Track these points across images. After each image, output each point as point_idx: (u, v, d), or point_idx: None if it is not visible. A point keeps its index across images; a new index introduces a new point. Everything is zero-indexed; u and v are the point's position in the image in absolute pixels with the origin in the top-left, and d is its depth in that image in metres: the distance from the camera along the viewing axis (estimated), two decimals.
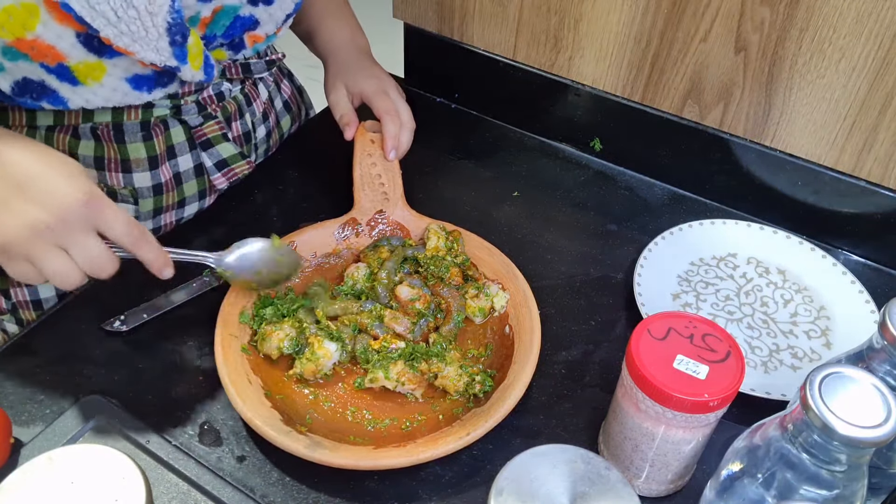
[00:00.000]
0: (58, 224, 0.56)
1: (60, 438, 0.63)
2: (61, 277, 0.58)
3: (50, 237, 0.56)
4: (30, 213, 0.56)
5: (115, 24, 0.62)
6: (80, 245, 0.58)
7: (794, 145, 0.84)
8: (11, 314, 0.85)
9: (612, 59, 0.89)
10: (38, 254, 0.57)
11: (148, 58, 0.65)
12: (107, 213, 0.58)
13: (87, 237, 0.58)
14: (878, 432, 0.43)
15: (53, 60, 0.62)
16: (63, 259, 0.57)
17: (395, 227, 0.82)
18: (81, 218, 0.57)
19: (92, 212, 0.57)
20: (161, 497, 0.60)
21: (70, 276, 0.58)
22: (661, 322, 0.58)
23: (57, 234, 0.56)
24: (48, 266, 0.57)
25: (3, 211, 0.56)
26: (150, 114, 0.76)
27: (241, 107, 0.85)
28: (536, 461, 0.50)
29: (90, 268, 0.59)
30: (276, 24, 0.77)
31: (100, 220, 0.58)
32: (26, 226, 0.56)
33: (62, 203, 0.56)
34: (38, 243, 0.56)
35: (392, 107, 0.85)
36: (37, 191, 0.56)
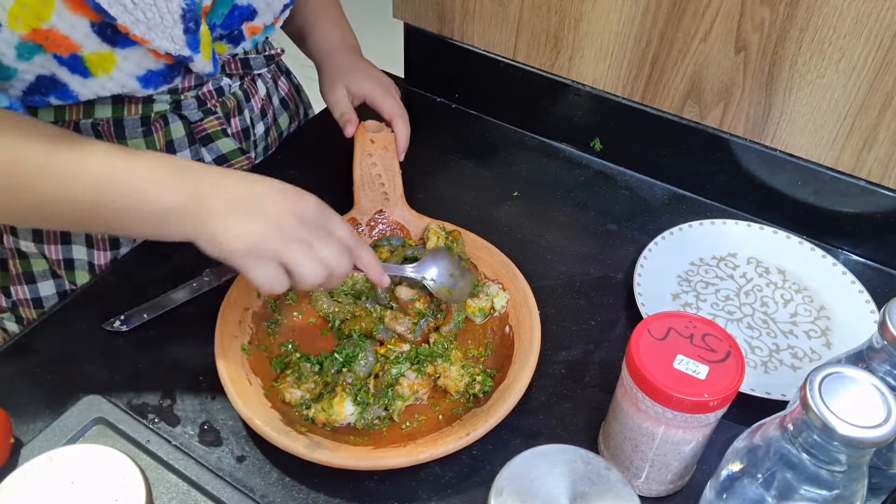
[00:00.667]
0: (297, 221, 0.60)
1: (60, 438, 0.63)
2: (308, 270, 0.60)
3: (293, 233, 0.60)
4: (275, 215, 0.60)
5: (132, 12, 0.62)
6: (322, 240, 0.61)
7: (794, 145, 0.84)
8: (11, 312, 0.85)
9: (612, 59, 0.89)
10: (286, 250, 0.59)
11: (163, 47, 0.66)
12: (336, 217, 0.64)
13: (327, 235, 0.62)
14: (878, 432, 0.43)
15: (67, 51, 0.62)
16: (310, 253, 0.60)
17: (395, 227, 0.82)
18: (316, 216, 0.62)
19: (325, 213, 0.63)
20: (161, 497, 0.60)
21: (315, 271, 0.60)
22: (661, 322, 0.58)
23: (298, 230, 0.60)
24: (297, 259, 0.60)
25: (248, 218, 0.59)
26: (150, 109, 0.76)
27: (240, 103, 0.85)
28: (536, 461, 0.50)
29: (333, 261, 0.61)
30: (273, 14, 0.77)
31: (331, 221, 0.63)
32: (273, 225, 0.59)
33: (301, 205, 0.61)
34: (283, 239, 0.59)
35: (400, 110, 0.88)
36: (275, 198, 0.61)
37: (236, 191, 0.60)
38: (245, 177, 0.62)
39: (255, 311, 0.73)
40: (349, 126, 0.86)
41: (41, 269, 0.82)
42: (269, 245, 0.59)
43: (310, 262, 0.60)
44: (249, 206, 0.60)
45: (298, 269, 0.60)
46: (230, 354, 0.67)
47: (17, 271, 0.82)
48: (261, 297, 0.74)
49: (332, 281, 0.63)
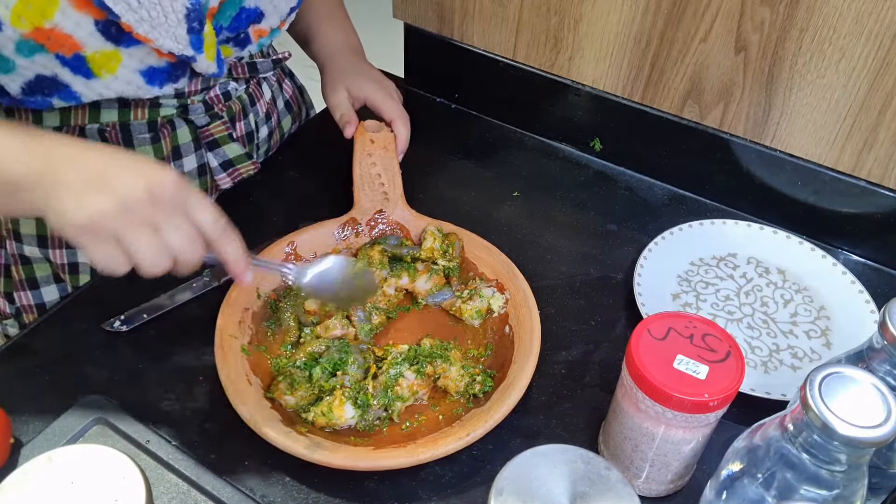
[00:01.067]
0: (150, 199, 0.55)
1: (60, 438, 0.63)
2: (149, 257, 0.56)
3: (141, 213, 0.55)
4: (122, 189, 0.54)
5: (136, 10, 0.62)
6: (172, 224, 0.56)
7: (794, 145, 0.84)
8: (15, 318, 0.85)
9: (612, 59, 0.89)
10: (127, 231, 0.55)
11: (166, 46, 0.66)
12: (196, 197, 0.57)
13: (180, 217, 0.56)
14: (878, 432, 0.43)
15: (70, 51, 0.62)
16: (153, 238, 0.55)
17: (395, 227, 0.82)
18: (174, 197, 0.56)
19: (183, 193, 0.56)
20: (161, 497, 0.60)
21: (158, 258, 0.56)
22: (661, 322, 0.58)
23: (149, 210, 0.55)
24: (137, 244, 0.55)
25: (93, 189, 0.54)
26: (156, 113, 0.76)
27: (245, 107, 0.85)
28: (536, 461, 0.50)
29: (179, 250, 0.57)
30: (280, 17, 0.78)
31: (191, 202, 0.57)
32: (118, 201, 0.54)
33: (155, 180, 0.55)
34: (129, 219, 0.54)
35: (400, 112, 0.88)
36: (129, 170, 0.55)
37: (89, 164, 0.55)
38: (103, 151, 0.57)
39: (255, 312, 0.74)
40: (349, 127, 0.86)
41: (44, 275, 0.82)
42: (110, 224, 0.54)
43: (151, 249, 0.56)
44: (99, 180, 0.54)
45: (137, 254, 0.55)
46: (230, 354, 0.67)
47: (20, 277, 0.82)
48: (261, 297, 0.75)
49: (180, 269, 0.58)
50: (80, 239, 0.55)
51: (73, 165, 0.55)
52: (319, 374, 0.68)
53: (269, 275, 0.76)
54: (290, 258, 0.78)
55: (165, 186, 0.55)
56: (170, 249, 0.56)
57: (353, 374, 0.68)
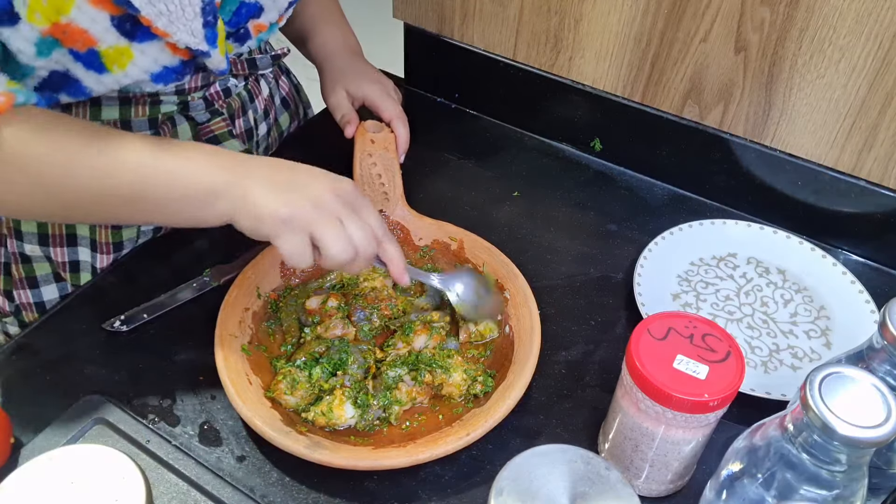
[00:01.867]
0: (337, 200, 0.63)
1: (60, 438, 0.63)
2: (337, 247, 0.62)
3: (330, 209, 0.62)
4: (313, 189, 0.62)
5: (155, 4, 0.62)
6: (355, 220, 0.63)
7: (794, 145, 0.84)
8: (14, 316, 0.85)
9: (612, 59, 0.89)
10: (319, 224, 0.61)
11: (183, 40, 0.66)
12: (370, 205, 0.66)
13: (358, 216, 0.64)
14: (878, 432, 0.43)
15: (84, 46, 0.62)
16: (341, 230, 0.62)
17: (395, 227, 0.82)
18: (354, 199, 0.64)
19: (360, 199, 0.65)
20: (161, 497, 0.60)
21: (344, 249, 0.62)
22: (661, 322, 0.58)
23: (335, 206, 0.62)
24: (328, 235, 0.61)
25: (288, 190, 0.62)
26: (157, 110, 0.76)
27: (244, 103, 0.85)
28: (536, 461, 0.50)
29: (361, 243, 0.63)
30: (278, 12, 0.78)
31: (365, 207, 0.65)
32: (311, 199, 0.62)
33: (336, 184, 0.64)
34: (321, 214, 0.62)
35: (399, 112, 0.88)
36: (315, 176, 0.64)
37: (276, 171, 0.63)
38: (287, 162, 0.65)
39: (255, 311, 0.74)
40: (349, 127, 0.87)
41: (44, 273, 0.82)
42: (305, 216, 0.61)
43: (340, 240, 0.62)
44: (289, 182, 0.62)
45: (328, 243, 0.62)
46: (230, 354, 0.67)
47: (20, 275, 0.82)
48: (261, 297, 0.75)
49: (356, 265, 0.64)
50: (276, 230, 0.61)
51: (265, 172, 0.63)
52: (319, 374, 0.68)
53: (269, 273, 0.76)
54: None
55: (347, 190, 0.64)
56: (353, 242, 0.63)
57: (354, 374, 0.68)
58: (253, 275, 0.75)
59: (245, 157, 0.64)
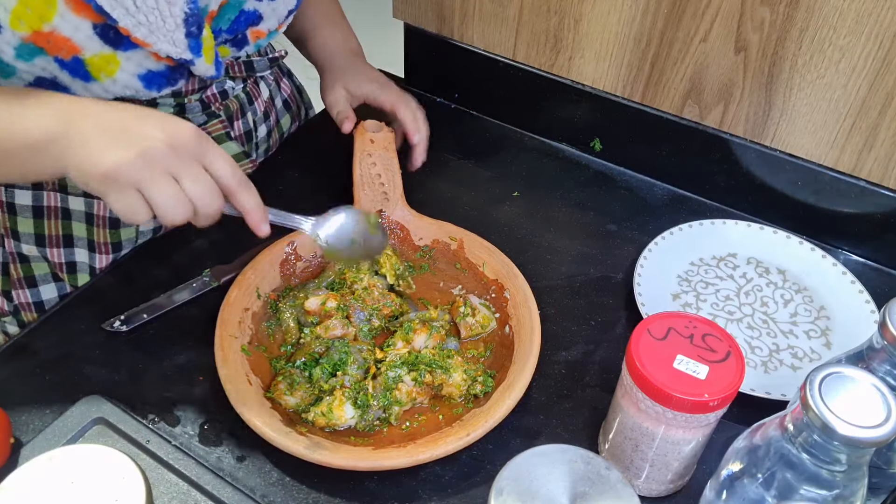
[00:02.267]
0: (170, 150, 0.56)
1: (60, 438, 0.63)
2: (171, 207, 0.57)
3: (162, 163, 0.56)
4: (143, 140, 0.56)
5: (134, 15, 0.62)
6: (192, 174, 0.57)
7: (794, 145, 0.84)
8: (13, 316, 0.85)
9: (612, 59, 0.89)
10: (149, 180, 0.56)
11: (164, 50, 0.66)
12: (215, 149, 0.59)
13: (198, 167, 0.58)
14: (878, 432, 0.43)
15: (68, 54, 0.62)
16: (174, 188, 0.57)
17: (396, 227, 0.82)
18: (193, 147, 0.57)
19: (202, 144, 0.58)
20: (161, 497, 0.60)
21: (179, 207, 0.57)
22: (661, 322, 0.58)
23: (169, 160, 0.56)
24: (159, 193, 0.56)
25: (114, 141, 0.56)
26: None
27: (242, 105, 0.85)
28: (536, 461, 0.50)
29: (199, 199, 0.58)
30: (278, 20, 0.78)
31: (209, 153, 0.58)
32: (140, 152, 0.55)
33: (175, 132, 0.57)
34: (151, 169, 0.56)
35: (400, 96, 0.87)
36: (148, 122, 0.57)
37: (108, 118, 0.57)
38: (120, 106, 0.59)
39: (255, 312, 0.74)
40: (346, 123, 0.86)
41: (42, 273, 0.82)
42: (131, 173, 0.55)
43: (173, 198, 0.57)
44: (119, 130, 0.56)
45: (159, 202, 0.57)
46: (230, 354, 0.67)
47: (18, 275, 0.82)
48: (261, 297, 0.74)
49: (199, 220, 0.60)
50: (103, 188, 0.56)
51: (92, 120, 0.56)
52: (319, 375, 0.68)
53: (269, 273, 0.76)
54: (291, 258, 0.78)
55: (184, 138, 0.57)
56: (191, 198, 0.57)
57: (353, 375, 0.68)
58: (253, 275, 0.75)
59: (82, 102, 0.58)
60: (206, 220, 0.60)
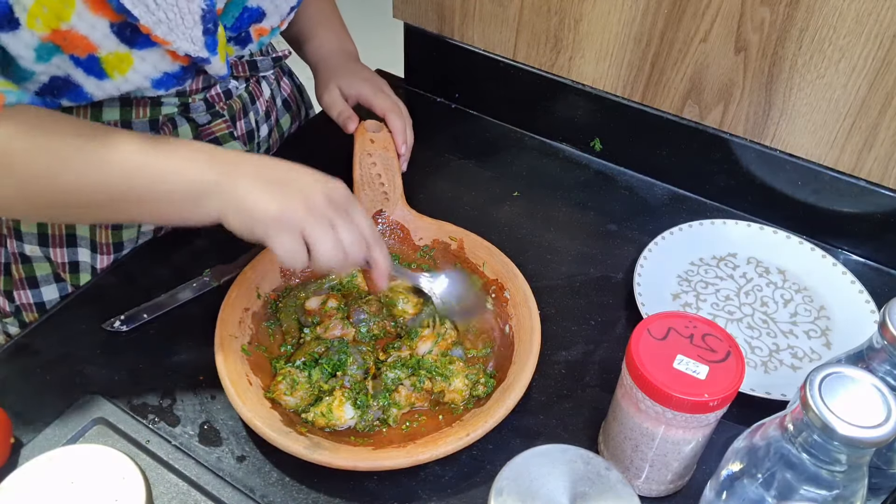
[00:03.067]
0: (328, 202, 0.62)
1: (60, 438, 0.63)
2: (328, 251, 0.62)
3: (322, 211, 0.62)
4: (306, 190, 0.62)
5: (154, 12, 0.62)
6: (347, 223, 0.63)
7: (794, 145, 0.84)
8: (15, 317, 0.85)
9: (612, 59, 0.89)
10: (310, 225, 0.61)
11: (183, 48, 0.66)
12: (359, 206, 0.65)
13: (350, 220, 0.63)
14: (878, 432, 0.43)
15: (84, 52, 0.62)
16: (331, 233, 0.62)
17: (396, 227, 0.82)
18: (345, 202, 0.64)
19: (351, 200, 0.64)
20: (161, 497, 0.60)
21: (335, 252, 0.62)
22: (661, 322, 0.58)
23: (327, 210, 0.62)
24: (319, 237, 0.61)
25: (280, 190, 0.61)
26: (158, 112, 0.76)
27: (245, 105, 0.85)
28: (536, 461, 0.50)
29: (350, 247, 0.63)
30: (280, 16, 0.78)
31: (354, 208, 0.64)
32: (303, 199, 0.61)
33: (330, 187, 0.63)
34: (313, 216, 0.61)
35: (394, 104, 0.87)
36: (305, 177, 0.63)
37: (268, 169, 0.63)
38: (279, 161, 0.64)
39: (255, 312, 0.74)
40: (350, 123, 0.86)
41: (44, 274, 0.82)
42: (296, 215, 0.61)
43: (330, 242, 0.62)
44: (279, 181, 0.62)
45: (319, 245, 0.61)
46: (230, 354, 0.67)
47: (20, 276, 0.82)
48: (260, 297, 0.74)
49: (345, 267, 0.64)
50: (271, 231, 0.61)
51: (256, 171, 0.62)
52: (319, 375, 0.68)
53: (269, 273, 0.76)
54: None
55: (339, 192, 0.64)
56: (343, 244, 0.62)
57: (353, 375, 0.68)
58: (253, 275, 0.75)
59: (236, 155, 0.63)
60: (348, 268, 0.66)
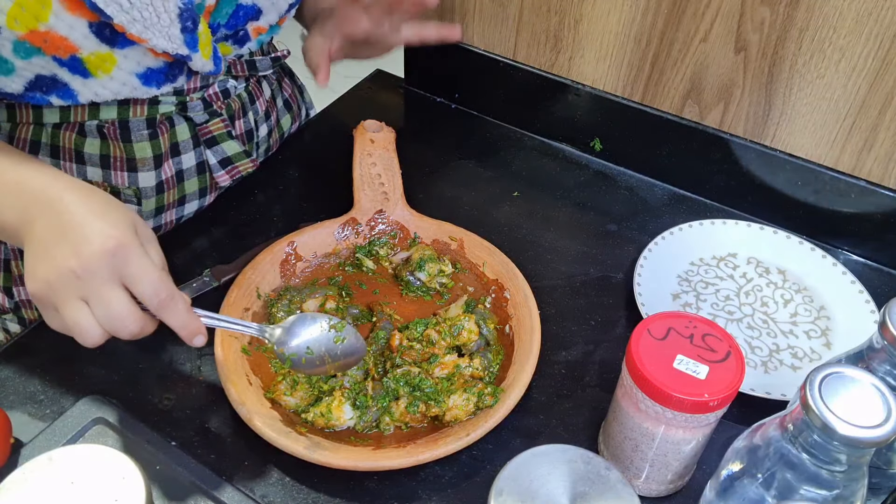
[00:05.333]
0: (83, 273, 0.53)
1: (60, 438, 0.63)
2: (80, 331, 0.55)
3: (73, 287, 0.53)
4: (60, 260, 0.53)
5: (128, 11, 0.62)
6: (102, 299, 0.54)
7: (794, 145, 0.84)
8: (14, 313, 0.85)
9: (612, 59, 0.89)
10: (61, 304, 0.54)
11: (160, 46, 0.66)
12: (133, 267, 0.54)
13: (110, 290, 0.54)
14: (878, 432, 0.43)
15: (66, 52, 0.62)
16: (83, 312, 0.54)
17: (396, 227, 0.82)
18: (106, 268, 0.53)
19: (119, 263, 0.54)
20: (161, 497, 0.60)
21: (89, 332, 0.54)
22: (661, 322, 0.58)
23: (80, 284, 0.53)
24: (69, 317, 0.54)
25: (42, 258, 0.54)
26: (155, 110, 0.76)
27: (244, 105, 0.85)
28: (536, 461, 0.50)
29: (109, 325, 0.54)
30: (279, 14, 0.77)
31: (126, 272, 0.54)
32: (55, 273, 0.53)
33: (90, 251, 0.53)
34: (63, 292, 0.54)
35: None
36: (74, 237, 0.54)
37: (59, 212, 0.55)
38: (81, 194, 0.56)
39: (255, 312, 0.74)
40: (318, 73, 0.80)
41: None
42: (50, 296, 0.54)
43: (84, 321, 0.54)
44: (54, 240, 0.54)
45: (70, 327, 0.55)
46: (230, 355, 0.67)
47: (19, 272, 0.82)
48: (261, 297, 0.74)
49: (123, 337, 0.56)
50: (38, 307, 0.57)
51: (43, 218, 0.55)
52: None
53: (269, 273, 0.76)
54: (291, 258, 0.78)
55: (101, 258, 0.53)
56: (102, 322, 0.54)
57: (353, 376, 0.68)
58: (253, 275, 0.75)
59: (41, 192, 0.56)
60: (130, 337, 0.56)
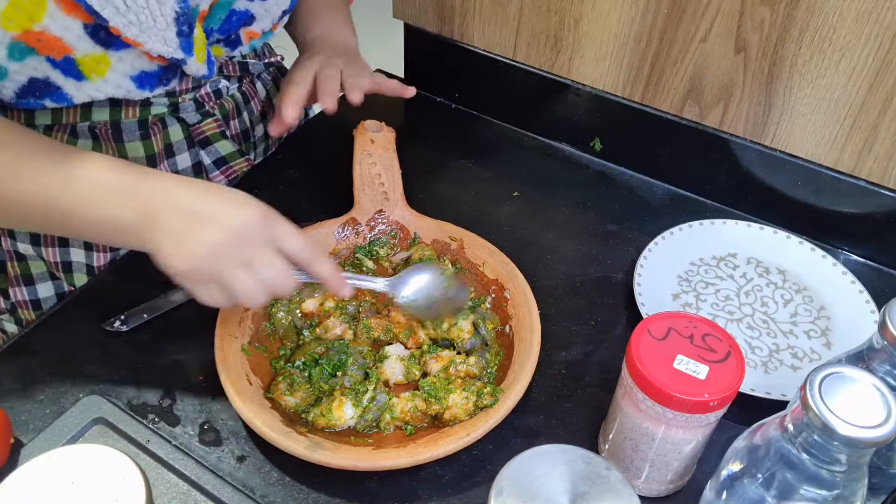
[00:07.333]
0: (237, 241, 0.58)
1: (60, 438, 0.63)
2: (248, 294, 0.59)
3: (232, 255, 0.58)
4: (209, 235, 0.57)
5: (124, 14, 0.62)
6: (262, 260, 0.59)
7: (794, 145, 0.84)
8: (10, 314, 0.85)
9: (612, 59, 0.89)
10: (223, 274, 0.58)
11: (155, 49, 0.66)
12: (283, 228, 0.60)
13: (267, 252, 0.59)
14: (878, 432, 0.43)
15: (60, 53, 0.62)
16: (248, 275, 0.59)
17: (396, 227, 0.82)
18: (259, 233, 0.59)
19: (268, 227, 0.59)
20: (161, 497, 0.60)
21: (255, 293, 0.59)
22: (661, 322, 0.58)
23: (238, 251, 0.58)
24: (235, 284, 0.58)
25: (184, 239, 0.58)
26: (147, 112, 0.76)
27: (238, 105, 0.85)
28: (536, 461, 0.50)
29: (272, 282, 0.59)
30: (272, 21, 0.77)
31: (277, 234, 0.60)
32: (208, 248, 0.57)
33: (238, 221, 0.58)
34: (222, 263, 0.58)
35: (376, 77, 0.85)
36: (211, 215, 0.58)
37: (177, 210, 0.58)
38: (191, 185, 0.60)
39: (255, 312, 0.73)
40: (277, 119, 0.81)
41: (39, 272, 0.82)
42: (208, 268, 0.58)
43: (249, 285, 0.59)
44: (195, 223, 0.58)
45: (236, 293, 0.59)
46: (230, 354, 0.67)
47: (15, 273, 0.82)
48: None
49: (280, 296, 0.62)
50: (187, 284, 0.59)
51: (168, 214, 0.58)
52: (319, 375, 0.68)
53: None
54: None
55: (253, 222, 0.58)
56: (265, 283, 0.59)
57: (353, 375, 0.68)
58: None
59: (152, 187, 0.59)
60: (285, 296, 0.63)
